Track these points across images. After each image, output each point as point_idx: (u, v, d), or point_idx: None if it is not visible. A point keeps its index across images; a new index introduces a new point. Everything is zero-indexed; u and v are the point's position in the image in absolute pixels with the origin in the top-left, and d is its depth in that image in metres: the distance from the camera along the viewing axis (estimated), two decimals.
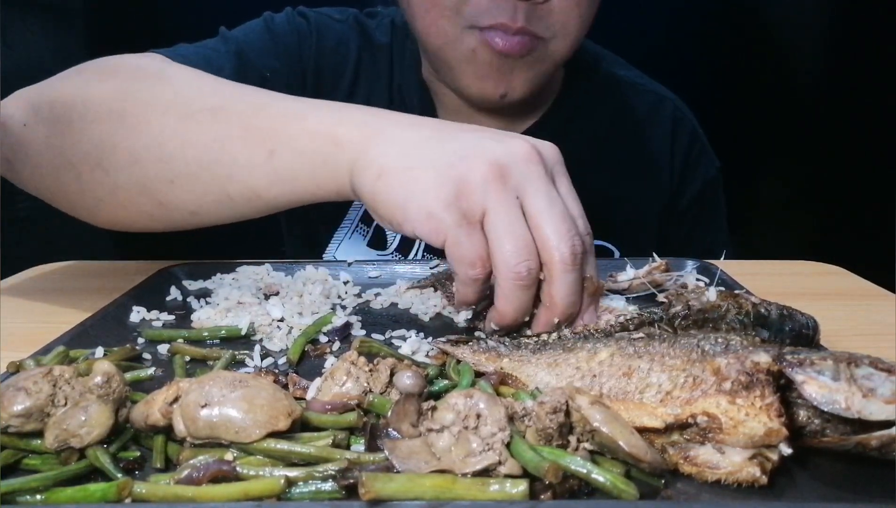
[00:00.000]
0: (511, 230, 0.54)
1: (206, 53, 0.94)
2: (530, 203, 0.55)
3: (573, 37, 0.92)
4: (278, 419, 0.44)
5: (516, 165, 0.55)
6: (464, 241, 0.55)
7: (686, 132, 1.12)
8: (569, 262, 0.55)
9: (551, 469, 0.39)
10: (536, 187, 0.55)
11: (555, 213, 0.55)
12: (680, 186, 1.11)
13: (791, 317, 0.53)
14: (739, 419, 0.42)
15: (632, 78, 1.14)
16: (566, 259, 0.55)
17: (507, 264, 0.55)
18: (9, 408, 0.45)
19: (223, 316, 0.70)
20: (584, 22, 0.91)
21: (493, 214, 0.54)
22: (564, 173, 0.60)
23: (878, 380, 0.42)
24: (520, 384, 0.54)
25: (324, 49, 1.04)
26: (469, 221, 0.55)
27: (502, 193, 0.54)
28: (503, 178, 0.55)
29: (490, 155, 0.55)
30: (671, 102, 1.13)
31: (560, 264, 0.55)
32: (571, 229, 0.55)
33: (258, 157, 0.63)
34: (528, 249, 0.55)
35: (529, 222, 0.55)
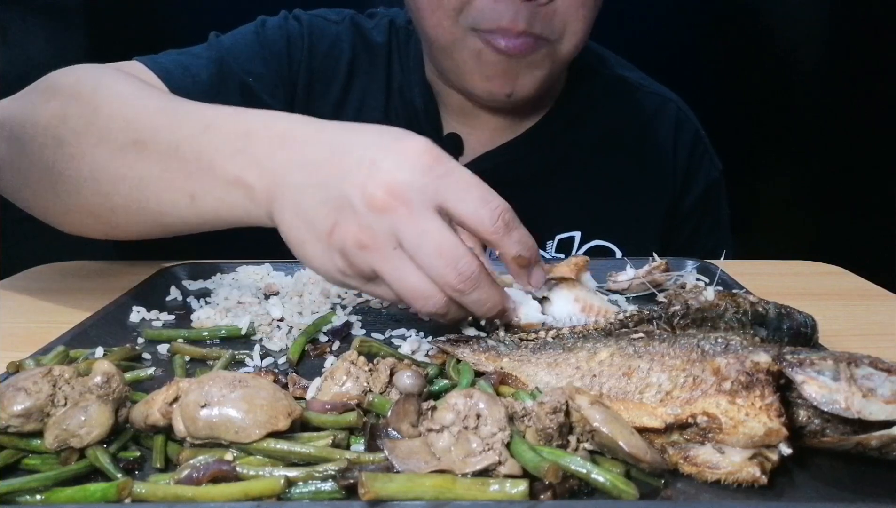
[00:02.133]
0: (402, 285, 0.57)
1: (184, 61, 0.95)
2: (407, 251, 0.56)
3: (578, 37, 0.92)
4: (278, 419, 0.44)
5: (379, 224, 0.56)
6: (377, 292, 0.60)
7: (689, 134, 1.12)
8: (460, 289, 0.57)
9: (551, 469, 0.39)
10: (404, 234, 0.56)
11: (426, 252, 0.56)
12: (683, 187, 1.11)
13: (789, 316, 0.53)
14: (739, 419, 0.42)
15: (635, 79, 1.14)
16: (456, 288, 0.57)
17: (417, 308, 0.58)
18: (9, 408, 0.45)
19: (223, 316, 0.70)
20: (588, 22, 0.92)
21: (382, 276, 0.57)
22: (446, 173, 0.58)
23: (878, 380, 0.42)
24: (520, 383, 0.54)
25: (316, 51, 1.05)
26: (370, 279, 0.59)
27: (378, 256, 0.57)
28: (373, 241, 0.56)
29: (353, 224, 0.56)
30: (674, 103, 1.13)
31: (453, 293, 0.57)
32: (448, 261, 0.56)
33: (181, 200, 0.65)
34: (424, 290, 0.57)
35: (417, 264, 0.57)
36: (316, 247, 0.59)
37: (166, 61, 0.93)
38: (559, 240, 1.05)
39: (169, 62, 0.93)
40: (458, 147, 1.05)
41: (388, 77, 1.06)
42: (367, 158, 0.57)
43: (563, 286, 0.69)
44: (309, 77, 1.04)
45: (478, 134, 1.05)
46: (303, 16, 1.07)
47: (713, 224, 1.14)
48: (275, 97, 1.00)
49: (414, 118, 1.05)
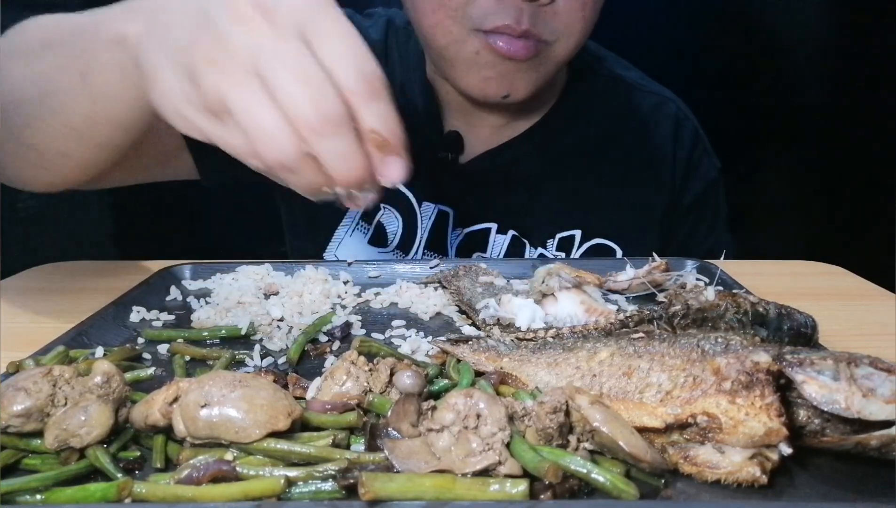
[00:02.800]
0: (251, 117, 0.48)
1: None
2: (261, 71, 0.48)
3: (577, 38, 0.92)
4: (278, 418, 0.44)
5: (236, 37, 0.48)
6: (225, 137, 0.51)
7: (688, 133, 1.12)
8: (317, 129, 0.48)
9: (551, 469, 0.39)
10: (262, 52, 0.48)
11: (287, 76, 0.48)
12: (682, 186, 1.11)
13: (789, 316, 0.53)
14: (739, 418, 0.42)
15: (634, 79, 1.14)
16: (312, 125, 0.48)
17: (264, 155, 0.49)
18: (9, 408, 0.45)
19: (223, 316, 0.70)
20: (588, 24, 0.92)
21: (231, 106, 0.49)
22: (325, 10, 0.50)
23: (878, 380, 0.42)
24: (520, 383, 0.54)
25: None
26: (215, 113, 0.50)
27: (228, 75, 0.48)
28: (224, 53, 0.48)
29: (208, 36, 0.49)
30: (673, 103, 1.13)
31: (309, 133, 0.48)
32: (312, 89, 0.48)
33: (75, 82, 0.62)
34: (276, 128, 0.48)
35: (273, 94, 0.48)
36: (165, 72, 0.51)
37: None
38: (559, 239, 1.05)
39: None
40: (459, 145, 1.05)
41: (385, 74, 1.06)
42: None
43: (574, 291, 0.69)
44: None
45: (478, 132, 1.05)
46: None
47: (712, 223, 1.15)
48: None
49: (414, 116, 1.05)
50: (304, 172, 0.50)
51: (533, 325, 0.65)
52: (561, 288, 0.70)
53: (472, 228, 1.05)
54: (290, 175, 0.50)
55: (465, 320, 0.72)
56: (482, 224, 1.05)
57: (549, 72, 0.94)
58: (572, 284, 0.71)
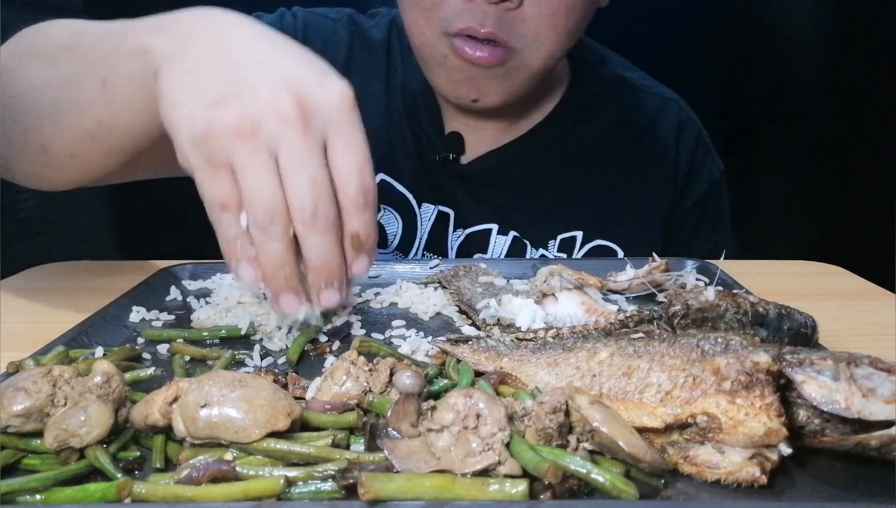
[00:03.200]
0: (255, 185, 0.53)
1: None
2: (281, 164, 0.53)
3: (546, 48, 0.90)
4: (278, 419, 0.44)
5: (270, 123, 0.53)
6: (206, 182, 0.55)
7: (691, 134, 1.12)
8: (310, 222, 0.54)
9: (551, 469, 0.39)
10: (288, 149, 0.53)
11: (302, 175, 0.53)
12: (684, 187, 1.11)
13: (789, 316, 0.53)
14: (739, 418, 0.42)
15: (637, 80, 1.14)
16: (307, 220, 0.54)
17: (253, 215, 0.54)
18: (9, 408, 0.45)
19: (223, 316, 0.70)
20: (560, 33, 0.90)
21: (242, 170, 0.53)
22: (346, 126, 0.55)
23: (878, 380, 0.42)
24: (520, 383, 0.54)
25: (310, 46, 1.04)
26: (212, 163, 0.54)
27: (249, 146, 0.53)
28: (252, 133, 0.53)
29: (248, 106, 0.53)
30: (676, 104, 1.13)
31: (301, 223, 0.54)
32: (318, 193, 0.54)
33: (95, 88, 0.64)
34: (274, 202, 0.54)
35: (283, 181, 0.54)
36: (187, 108, 0.55)
37: None
38: (561, 240, 1.05)
39: None
40: (460, 146, 1.05)
41: (387, 74, 1.07)
42: (291, 70, 0.56)
43: (574, 292, 0.69)
44: None
45: (479, 134, 1.05)
46: (299, 12, 1.08)
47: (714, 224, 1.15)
48: None
49: (415, 116, 1.05)
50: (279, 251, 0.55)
51: (533, 325, 0.65)
52: (562, 289, 0.70)
53: (473, 229, 1.05)
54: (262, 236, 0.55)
55: (465, 320, 0.73)
56: (483, 225, 1.05)
57: (521, 81, 0.93)
58: (573, 285, 0.71)
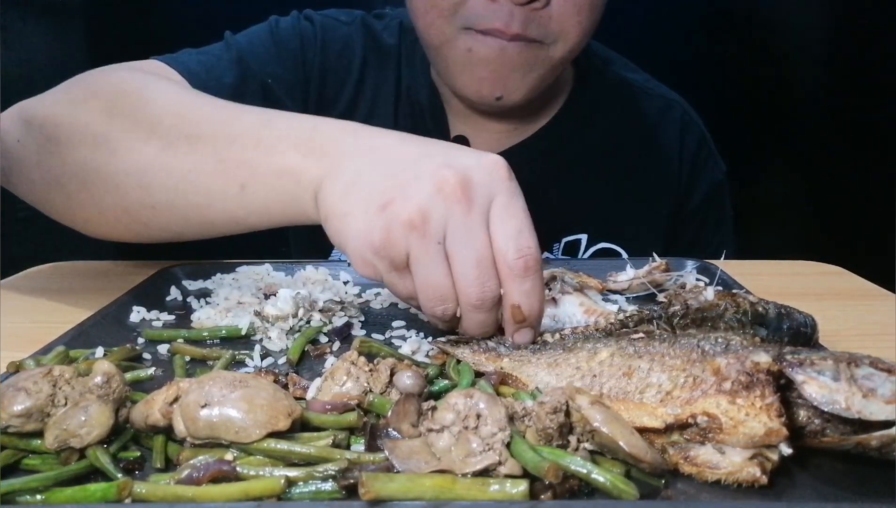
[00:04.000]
0: (427, 280, 0.57)
1: (207, 61, 0.94)
2: (448, 247, 0.56)
3: (573, 42, 0.91)
4: (278, 419, 0.44)
5: (437, 209, 0.55)
6: (397, 283, 0.59)
7: (694, 136, 1.12)
8: (475, 305, 0.57)
9: (551, 469, 0.39)
10: (454, 230, 0.56)
11: (468, 258, 0.56)
12: (687, 189, 1.11)
13: (789, 316, 0.53)
14: (739, 419, 0.42)
15: (641, 82, 1.14)
16: (472, 303, 0.57)
17: (427, 307, 0.58)
18: (9, 408, 0.45)
19: (223, 316, 0.70)
20: (585, 28, 0.90)
21: (414, 263, 0.57)
22: (507, 190, 0.58)
23: (878, 380, 0.42)
24: (520, 384, 0.54)
25: (328, 52, 1.04)
26: (397, 267, 0.57)
27: (422, 241, 0.56)
28: (424, 225, 0.55)
29: (414, 202, 0.56)
30: (679, 105, 1.13)
31: (466, 306, 0.58)
32: (481, 275, 0.56)
33: (231, 190, 0.64)
34: (444, 294, 0.57)
35: (450, 264, 0.57)
36: (360, 219, 0.57)
37: (188, 61, 0.92)
38: (566, 242, 1.05)
39: (191, 62, 0.92)
40: None
41: (397, 79, 1.06)
42: (448, 154, 0.59)
43: (574, 294, 0.69)
44: (321, 78, 1.03)
45: (485, 137, 1.05)
46: (315, 16, 1.07)
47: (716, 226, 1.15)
48: (293, 99, 0.99)
49: (420, 120, 1.04)
50: (451, 323, 0.60)
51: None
52: (563, 292, 0.70)
53: None
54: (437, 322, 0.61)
55: None
56: None
57: (543, 75, 0.93)
58: (574, 288, 0.71)
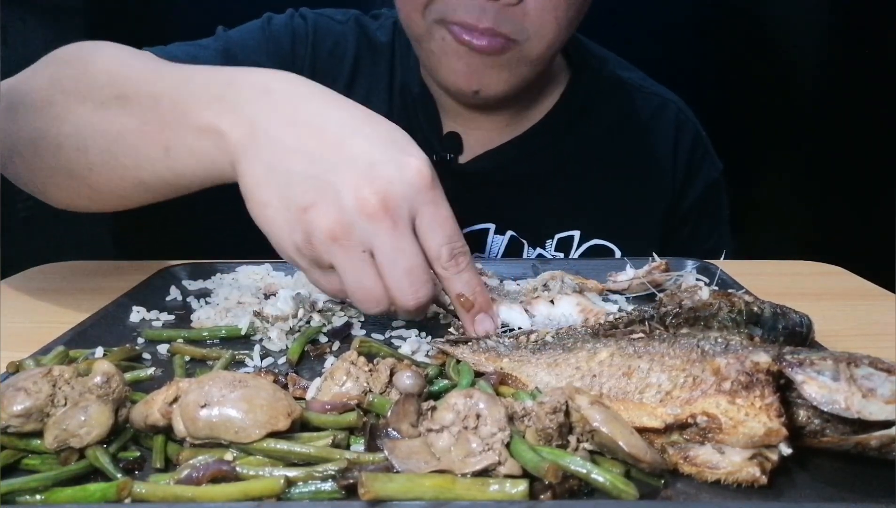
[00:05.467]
0: (358, 285, 0.58)
1: (192, 51, 0.97)
2: (377, 260, 0.57)
3: (549, 39, 0.90)
4: (278, 419, 0.44)
5: (360, 222, 0.56)
6: (320, 280, 0.60)
7: (689, 135, 1.12)
8: (412, 311, 0.59)
9: (551, 469, 0.39)
10: (380, 246, 0.57)
11: (397, 268, 0.57)
12: (682, 188, 1.11)
13: (784, 315, 0.53)
14: (739, 419, 0.42)
15: (636, 80, 1.14)
16: (409, 309, 0.59)
17: (361, 307, 0.60)
18: (9, 408, 0.45)
19: (223, 316, 0.70)
20: (561, 25, 0.90)
21: (341, 270, 0.58)
22: (431, 201, 0.58)
23: (878, 380, 0.42)
24: (520, 384, 0.54)
25: (320, 50, 1.06)
26: (320, 266, 0.59)
27: (346, 252, 0.57)
28: (347, 238, 0.56)
29: (336, 209, 0.56)
30: (675, 105, 1.13)
31: (404, 311, 0.59)
32: (414, 283, 0.58)
33: (156, 152, 0.65)
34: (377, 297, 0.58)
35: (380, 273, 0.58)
36: (280, 214, 0.57)
37: (175, 50, 0.96)
38: (558, 239, 1.05)
39: (177, 51, 0.96)
40: (458, 146, 1.05)
41: (390, 77, 1.07)
42: (369, 158, 0.57)
43: (574, 296, 0.69)
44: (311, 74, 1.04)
45: (477, 133, 1.05)
46: (309, 14, 1.08)
47: (713, 224, 1.15)
48: None
49: (413, 117, 1.05)
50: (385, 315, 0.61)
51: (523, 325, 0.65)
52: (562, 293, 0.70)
53: (470, 228, 1.06)
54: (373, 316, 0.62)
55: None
56: (480, 225, 1.05)
57: (522, 72, 0.93)
58: (573, 289, 0.71)
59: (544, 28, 0.89)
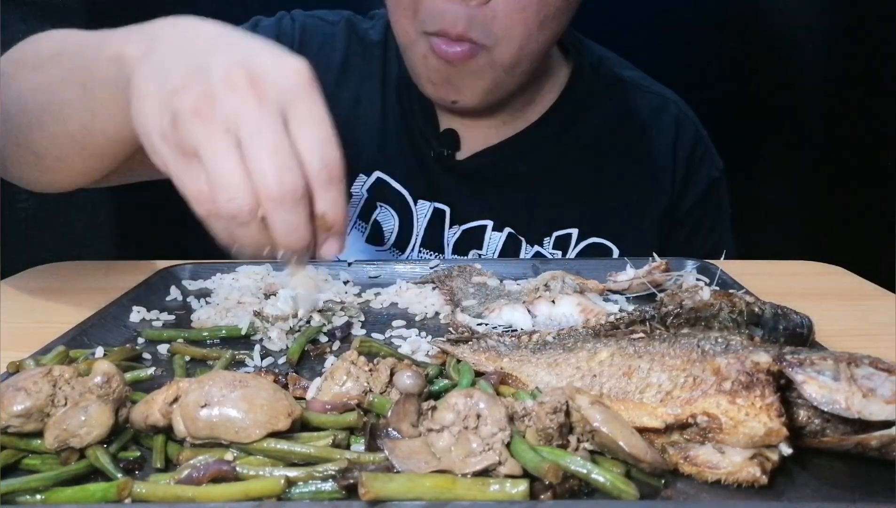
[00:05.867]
0: (217, 168, 0.52)
1: None
2: (241, 136, 0.52)
3: (517, 43, 0.90)
4: (278, 419, 0.44)
5: (227, 97, 0.52)
6: (184, 176, 0.54)
7: (689, 135, 1.12)
8: (276, 198, 0.52)
9: (551, 469, 0.39)
10: (246, 120, 0.52)
11: (261, 148, 0.52)
12: (682, 188, 1.11)
13: (785, 316, 0.53)
14: (739, 419, 0.42)
15: (635, 79, 1.14)
16: (272, 196, 0.52)
17: (222, 204, 0.53)
18: (9, 408, 0.45)
19: (223, 316, 0.70)
20: (531, 27, 0.89)
21: (200, 152, 0.52)
22: (305, 101, 0.55)
23: (878, 380, 0.42)
24: (520, 383, 0.54)
25: (306, 50, 1.07)
26: (181, 152, 0.53)
27: (208, 126, 0.52)
28: (210, 110, 0.52)
29: (204, 84, 0.53)
30: (674, 104, 1.13)
31: (266, 201, 0.52)
32: (280, 164, 0.52)
33: (76, 93, 0.67)
34: (238, 185, 0.52)
35: (244, 158, 0.52)
36: (152, 102, 0.55)
37: None
38: (556, 236, 1.05)
39: None
40: (455, 143, 1.05)
41: (383, 74, 1.08)
42: (247, 49, 0.56)
43: (574, 296, 0.69)
44: None
45: (475, 131, 1.05)
46: (298, 16, 1.10)
47: (713, 223, 1.15)
48: None
49: (410, 114, 1.06)
50: (251, 230, 0.54)
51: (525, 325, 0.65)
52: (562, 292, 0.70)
53: (468, 225, 1.06)
54: (237, 228, 0.54)
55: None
56: (478, 221, 1.06)
57: (495, 78, 0.93)
58: (574, 289, 0.71)
59: (513, 30, 0.89)
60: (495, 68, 0.92)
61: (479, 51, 0.89)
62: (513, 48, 0.90)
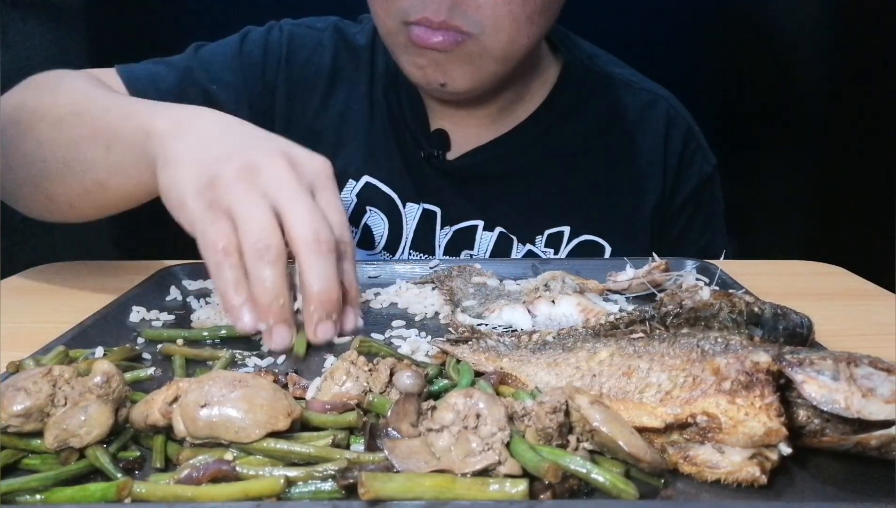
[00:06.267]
0: (252, 216, 0.58)
1: (154, 70, 1.03)
2: (277, 200, 0.59)
3: (507, 33, 0.89)
4: (278, 418, 0.44)
5: (268, 169, 0.61)
6: (208, 228, 0.60)
7: (680, 131, 1.11)
8: (313, 246, 0.58)
9: (551, 469, 0.39)
10: (284, 187, 0.60)
11: (300, 206, 0.59)
12: (674, 185, 1.11)
13: (785, 316, 0.53)
14: (739, 418, 0.42)
15: (626, 76, 1.14)
16: (309, 243, 0.58)
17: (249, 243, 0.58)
18: (9, 408, 0.45)
19: (223, 316, 0.70)
20: (519, 18, 0.89)
21: (237, 204, 0.59)
22: (330, 188, 0.65)
23: (878, 380, 0.42)
24: (520, 383, 0.54)
25: (294, 59, 1.08)
26: (213, 209, 0.59)
27: (248, 188, 0.59)
28: (252, 177, 0.60)
29: (247, 157, 0.61)
30: (665, 101, 1.13)
31: (304, 247, 0.58)
32: (317, 220, 0.59)
33: (99, 153, 0.74)
34: (270, 230, 0.58)
35: (279, 215, 0.59)
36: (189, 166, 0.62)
37: (138, 69, 1.02)
38: (548, 235, 1.05)
39: (140, 70, 1.02)
40: (445, 143, 1.05)
41: (371, 77, 1.08)
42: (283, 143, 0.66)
43: (574, 296, 0.69)
44: (288, 85, 1.08)
45: (465, 131, 1.05)
46: (286, 25, 1.11)
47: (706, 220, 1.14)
48: (239, 105, 1.03)
49: (399, 116, 1.06)
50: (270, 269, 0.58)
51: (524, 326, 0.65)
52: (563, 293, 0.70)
53: (459, 225, 1.06)
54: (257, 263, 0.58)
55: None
56: (469, 222, 1.06)
57: (486, 66, 0.93)
58: (574, 289, 0.71)
59: (500, 21, 0.88)
60: (485, 57, 0.91)
61: (466, 38, 0.89)
62: (502, 39, 0.90)
